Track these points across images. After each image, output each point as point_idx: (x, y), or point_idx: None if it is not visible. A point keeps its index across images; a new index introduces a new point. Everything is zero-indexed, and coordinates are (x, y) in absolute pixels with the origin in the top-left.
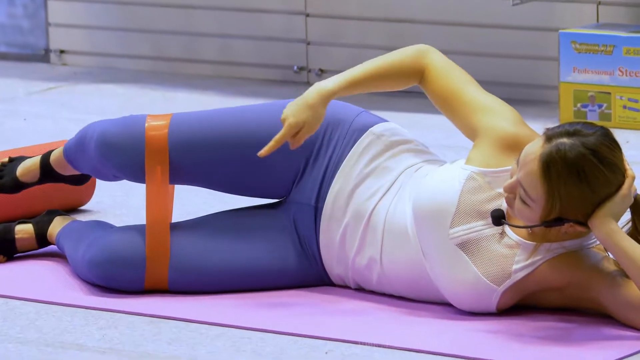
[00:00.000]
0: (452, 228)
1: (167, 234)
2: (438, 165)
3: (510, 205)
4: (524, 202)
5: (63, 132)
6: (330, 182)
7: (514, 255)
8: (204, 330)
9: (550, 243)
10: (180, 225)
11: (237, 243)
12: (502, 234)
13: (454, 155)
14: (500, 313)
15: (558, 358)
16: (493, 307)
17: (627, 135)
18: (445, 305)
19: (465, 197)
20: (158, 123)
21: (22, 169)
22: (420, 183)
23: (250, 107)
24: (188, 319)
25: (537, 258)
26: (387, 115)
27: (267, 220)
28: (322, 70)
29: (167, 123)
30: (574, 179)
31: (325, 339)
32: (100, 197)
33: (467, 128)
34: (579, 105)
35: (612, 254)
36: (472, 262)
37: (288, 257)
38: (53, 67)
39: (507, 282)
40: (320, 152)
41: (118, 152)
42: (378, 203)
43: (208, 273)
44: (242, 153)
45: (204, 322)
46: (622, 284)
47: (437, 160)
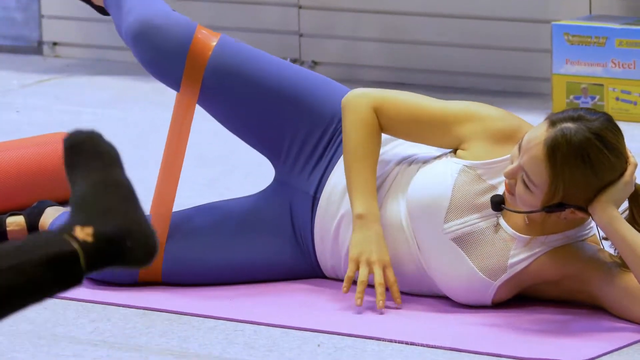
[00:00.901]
0: (446, 222)
1: (166, 225)
2: (431, 158)
3: (511, 192)
4: (527, 186)
5: (56, 124)
6: (330, 174)
7: (509, 249)
8: (196, 323)
9: (546, 236)
10: (175, 216)
11: (230, 235)
12: (496, 227)
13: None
14: (496, 306)
15: (555, 350)
16: (489, 300)
17: (620, 127)
18: (441, 299)
19: (458, 190)
20: (206, 40)
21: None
22: (413, 177)
23: (294, 66)
24: (180, 312)
25: (532, 252)
26: None
27: (262, 212)
28: (315, 62)
29: (214, 44)
30: (579, 163)
31: (318, 332)
32: None
33: (450, 142)
34: (572, 97)
35: (611, 240)
36: (467, 256)
37: (282, 250)
38: (46, 59)
39: (502, 276)
40: (333, 137)
41: (154, 48)
42: None
43: (201, 265)
44: (271, 101)
45: (196, 314)
46: (618, 275)
47: (430, 154)
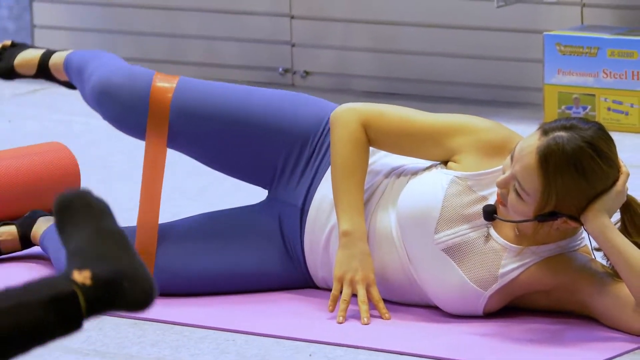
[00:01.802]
0: (436, 233)
1: (154, 236)
2: (421, 170)
3: (503, 202)
4: (519, 196)
5: (48, 133)
6: (318, 185)
7: (500, 259)
8: (188, 333)
9: (537, 246)
10: (166, 227)
11: (222, 245)
12: (487, 237)
13: None
14: (488, 316)
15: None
16: (480, 310)
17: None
18: (432, 309)
19: (449, 201)
20: (165, 85)
21: (20, 59)
22: (403, 188)
23: (257, 89)
24: (172, 322)
25: (523, 262)
26: None
27: (252, 223)
28: (307, 72)
29: (174, 86)
30: (572, 172)
31: (310, 341)
32: None
33: (441, 154)
34: (564, 107)
35: (603, 249)
36: (458, 266)
37: (273, 260)
38: None
39: (493, 286)
40: (315, 149)
41: (117, 104)
42: None
43: (193, 275)
44: (241, 131)
45: (188, 324)
46: (609, 284)
47: (419, 165)
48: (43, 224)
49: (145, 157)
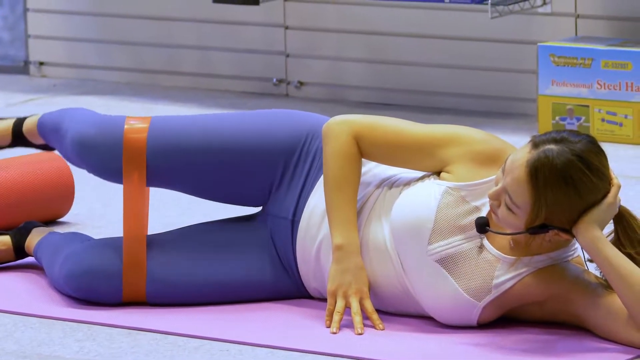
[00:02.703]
0: (430, 244)
1: (143, 247)
2: (413, 180)
3: (495, 213)
4: (509, 209)
5: None
6: (308, 196)
7: (494, 270)
8: (182, 343)
9: (530, 257)
10: (158, 238)
11: (214, 256)
12: (481, 248)
13: None
14: (482, 326)
15: None
16: (474, 321)
17: (605, 148)
18: (426, 319)
19: (442, 212)
20: (137, 126)
21: None
22: (396, 200)
23: (229, 115)
24: (166, 331)
25: (516, 273)
26: None
27: (245, 233)
28: (301, 83)
29: (146, 127)
30: (561, 185)
31: (303, 351)
32: (79, 209)
33: (434, 165)
34: (558, 118)
35: (595, 261)
36: (452, 277)
37: (266, 270)
38: (32, 79)
39: (487, 297)
40: (299, 162)
41: (95, 154)
42: None
43: (186, 286)
44: (220, 160)
45: (182, 334)
46: (602, 296)
47: (411, 175)
48: (37, 235)
49: (124, 200)
